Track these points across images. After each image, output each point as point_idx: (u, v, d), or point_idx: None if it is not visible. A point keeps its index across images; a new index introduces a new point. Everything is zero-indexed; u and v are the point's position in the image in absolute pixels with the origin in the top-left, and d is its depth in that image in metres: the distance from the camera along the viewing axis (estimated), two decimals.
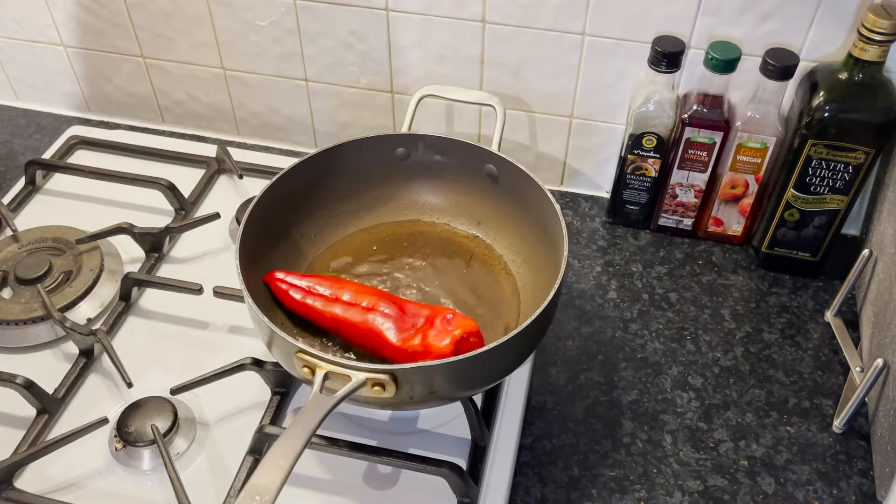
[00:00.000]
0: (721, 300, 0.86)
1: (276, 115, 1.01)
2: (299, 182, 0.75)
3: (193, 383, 0.70)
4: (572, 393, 0.77)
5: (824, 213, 0.82)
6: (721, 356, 0.80)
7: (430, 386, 0.60)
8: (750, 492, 0.70)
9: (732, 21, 0.80)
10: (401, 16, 0.87)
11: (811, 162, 0.79)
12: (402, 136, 0.79)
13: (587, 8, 0.82)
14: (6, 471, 0.65)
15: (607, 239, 0.93)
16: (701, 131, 0.83)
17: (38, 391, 0.70)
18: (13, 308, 0.77)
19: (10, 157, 1.01)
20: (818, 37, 0.80)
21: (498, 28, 0.86)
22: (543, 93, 0.90)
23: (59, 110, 1.09)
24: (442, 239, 0.81)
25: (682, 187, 0.88)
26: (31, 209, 0.91)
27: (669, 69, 0.80)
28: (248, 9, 0.91)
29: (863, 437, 0.74)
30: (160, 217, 0.89)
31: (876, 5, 0.72)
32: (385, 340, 0.66)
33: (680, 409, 0.76)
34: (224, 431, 0.70)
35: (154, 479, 0.67)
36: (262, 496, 0.49)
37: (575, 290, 0.86)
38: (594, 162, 0.96)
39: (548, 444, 0.73)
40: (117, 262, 0.84)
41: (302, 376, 0.60)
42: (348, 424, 0.70)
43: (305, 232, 0.78)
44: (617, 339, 0.82)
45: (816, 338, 0.82)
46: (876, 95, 0.75)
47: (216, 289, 0.78)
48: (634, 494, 0.69)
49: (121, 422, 0.68)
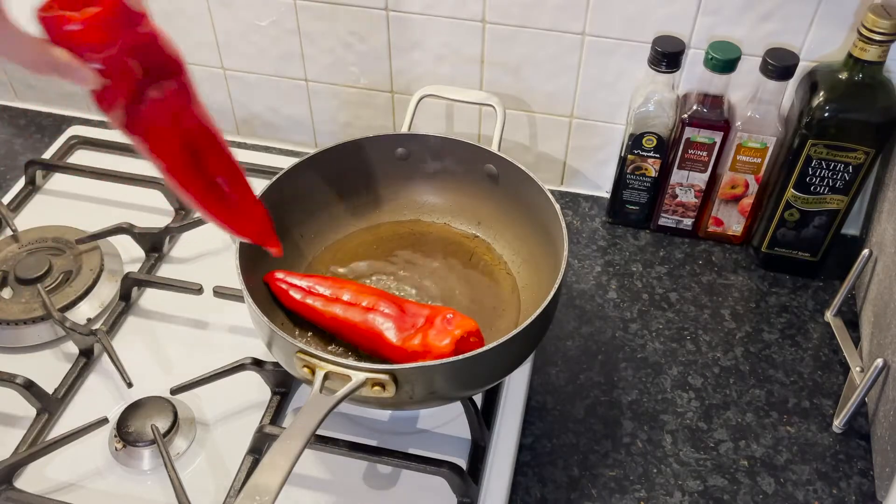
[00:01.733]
0: (721, 300, 0.86)
1: (276, 115, 1.01)
2: (299, 182, 0.75)
3: (193, 383, 0.70)
4: (572, 393, 0.77)
5: (824, 213, 0.82)
6: (721, 356, 0.80)
7: (430, 386, 0.60)
8: (750, 492, 0.70)
9: (732, 21, 0.80)
10: (401, 16, 0.87)
11: (811, 162, 0.79)
12: (402, 136, 0.79)
13: (587, 8, 0.82)
14: (6, 471, 0.65)
15: (607, 239, 0.93)
16: (701, 131, 0.83)
17: (38, 391, 0.70)
18: (13, 308, 0.77)
19: (10, 157, 1.01)
20: (818, 37, 0.80)
21: (498, 28, 0.86)
22: (543, 93, 0.90)
23: (59, 110, 1.09)
24: (442, 239, 0.81)
25: (682, 187, 0.88)
26: (31, 209, 0.91)
27: (669, 69, 0.80)
28: (248, 9, 0.91)
29: (863, 437, 0.74)
30: (160, 217, 0.89)
31: (876, 5, 0.72)
32: (385, 340, 0.66)
33: (680, 409, 0.76)
34: (224, 431, 0.70)
35: (154, 479, 0.67)
36: (262, 496, 0.49)
37: (575, 290, 0.86)
38: (594, 162, 0.96)
39: (548, 444, 0.73)
40: (117, 262, 0.84)
41: (302, 376, 0.60)
42: (348, 424, 0.70)
43: (305, 232, 0.78)
44: (617, 339, 0.82)
45: (816, 338, 0.82)
46: (876, 95, 0.75)
47: (216, 289, 0.78)
48: (634, 494, 0.69)
49: (121, 422, 0.68)
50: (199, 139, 0.54)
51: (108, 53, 0.45)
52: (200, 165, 0.55)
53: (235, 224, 0.60)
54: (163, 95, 0.50)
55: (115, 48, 0.45)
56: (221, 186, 0.57)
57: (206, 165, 0.55)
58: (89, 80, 0.46)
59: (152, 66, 0.48)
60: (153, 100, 0.49)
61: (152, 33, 0.47)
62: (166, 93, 0.50)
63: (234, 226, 0.60)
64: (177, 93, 0.51)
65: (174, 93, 0.51)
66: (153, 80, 0.49)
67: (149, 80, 0.48)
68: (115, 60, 0.45)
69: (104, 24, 0.44)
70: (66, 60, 0.44)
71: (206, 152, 0.55)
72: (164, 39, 0.48)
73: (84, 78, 0.46)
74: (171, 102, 0.51)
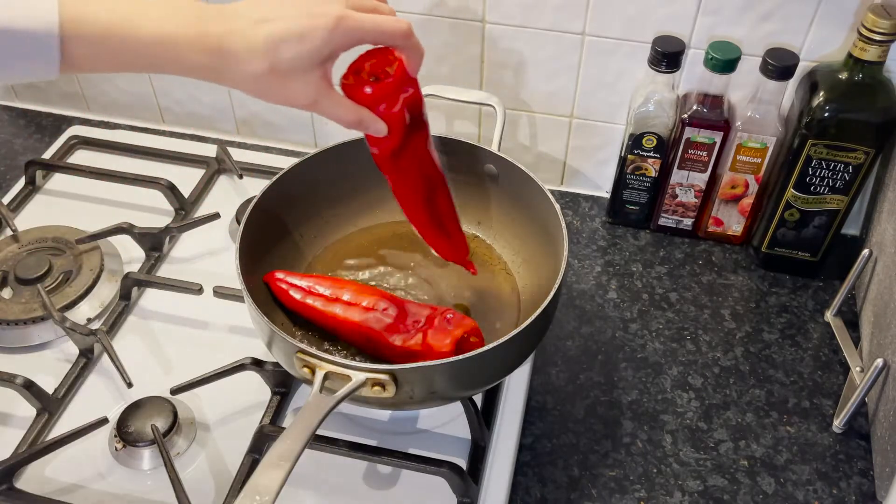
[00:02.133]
0: (721, 300, 0.86)
1: (276, 115, 1.01)
2: (299, 182, 0.75)
3: (193, 383, 0.70)
4: (572, 393, 0.77)
5: (824, 213, 0.82)
6: (721, 356, 0.80)
7: (430, 386, 0.60)
8: (750, 492, 0.70)
9: (732, 21, 0.80)
10: (401, 16, 0.87)
11: (811, 162, 0.79)
12: None
13: (587, 8, 0.82)
14: (6, 471, 0.65)
15: (607, 239, 0.93)
16: (701, 131, 0.83)
17: (38, 391, 0.70)
18: (13, 308, 0.77)
19: (10, 157, 1.01)
20: (818, 37, 0.80)
21: (498, 28, 0.86)
22: (543, 93, 0.90)
23: (59, 110, 1.09)
24: None
25: (682, 187, 0.88)
26: (31, 209, 0.91)
27: (669, 69, 0.80)
28: None
29: (863, 437, 0.74)
30: (160, 217, 0.89)
31: (876, 5, 0.72)
32: (385, 340, 0.66)
33: (680, 409, 0.76)
34: (224, 431, 0.70)
35: (154, 479, 0.67)
36: (262, 496, 0.49)
37: (575, 290, 0.86)
38: (594, 162, 0.96)
39: (548, 444, 0.73)
40: (117, 262, 0.84)
41: (302, 376, 0.60)
42: (348, 424, 0.70)
43: (305, 232, 0.78)
44: (617, 339, 0.82)
45: (816, 338, 0.82)
46: (876, 95, 0.75)
47: (216, 289, 0.78)
48: (634, 494, 0.69)
49: (121, 422, 0.68)
50: (434, 181, 0.65)
51: (392, 110, 0.57)
52: (433, 202, 0.66)
53: (446, 251, 0.70)
54: (415, 143, 0.60)
55: (398, 105, 0.57)
56: (444, 221, 0.68)
57: (436, 203, 0.66)
58: (382, 130, 0.57)
59: (413, 119, 0.59)
60: (409, 146, 0.60)
61: (419, 93, 0.58)
62: (418, 141, 0.61)
63: (445, 252, 0.70)
64: (424, 142, 0.62)
65: (423, 141, 0.61)
66: (412, 131, 0.59)
67: (410, 130, 0.59)
68: (396, 115, 0.57)
69: (394, 88, 0.56)
70: (368, 116, 0.56)
71: (437, 192, 0.65)
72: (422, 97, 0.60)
73: (379, 129, 0.57)
74: (419, 150, 0.61)
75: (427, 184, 0.64)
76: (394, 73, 0.56)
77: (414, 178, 0.63)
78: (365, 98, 0.55)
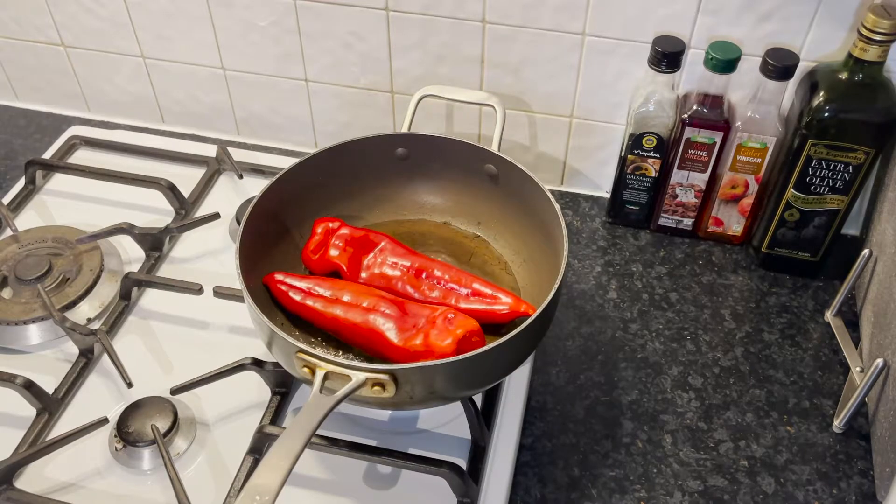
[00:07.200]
0: (721, 300, 0.86)
1: (276, 115, 1.01)
2: (299, 182, 0.75)
3: (193, 383, 0.70)
4: (572, 393, 0.77)
5: (824, 213, 0.82)
6: (721, 356, 0.80)
7: (430, 386, 0.60)
8: (750, 492, 0.70)
9: (732, 21, 0.80)
10: (401, 16, 0.87)
11: (811, 162, 0.79)
12: (402, 136, 0.79)
13: (587, 8, 0.82)
14: (6, 471, 0.65)
15: (607, 239, 0.93)
16: (701, 131, 0.83)
17: (38, 391, 0.70)
18: (13, 308, 0.77)
19: (10, 157, 1.01)
20: (818, 37, 0.80)
21: (498, 28, 0.86)
22: (543, 93, 0.90)
23: (59, 110, 1.09)
24: (442, 239, 0.81)
25: (682, 187, 0.88)
26: (31, 209, 0.91)
27: (669, 69, 0.80)
28: (248, 9, 0.91)
29: (863, 437, 0.74)
30: (160, 217, 0.89)
31: (876, 5, 0.72)
32: (387, 341, 0.66)
33: (680, 409, 0.76)
34: (224, 431, 0.70)
35: (154, 479, 0.67)
36: (262, 496, 0.49)
37: (575, 290, 0.86)
38: (594, 162, 0.96)
39: (548, 444, 0.73)
40: (117, 262, 0.84)
41: (302, 376, 0.60)
42: (348, 424, 0.70)
43: (305, 232, 0.78)
44: (617, 339, 0.82)
45: (816, 338, 0.82)
46: (876, 95, 0.75)
47: (216, 289, 0.78)
48: (634, 494, 0.69)
49: (121, 422, 0.68)
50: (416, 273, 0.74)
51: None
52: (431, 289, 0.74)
53: (495, 315, 0.71)
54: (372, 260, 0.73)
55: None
56: (474, 293, 0.73)
57: (434, 287, 0.74)
58: None
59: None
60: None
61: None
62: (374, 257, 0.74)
63: (495, 317, 0.71)
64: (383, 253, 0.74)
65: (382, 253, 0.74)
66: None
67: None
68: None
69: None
70: None
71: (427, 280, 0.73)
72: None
73: None
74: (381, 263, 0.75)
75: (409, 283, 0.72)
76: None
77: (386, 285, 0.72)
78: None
